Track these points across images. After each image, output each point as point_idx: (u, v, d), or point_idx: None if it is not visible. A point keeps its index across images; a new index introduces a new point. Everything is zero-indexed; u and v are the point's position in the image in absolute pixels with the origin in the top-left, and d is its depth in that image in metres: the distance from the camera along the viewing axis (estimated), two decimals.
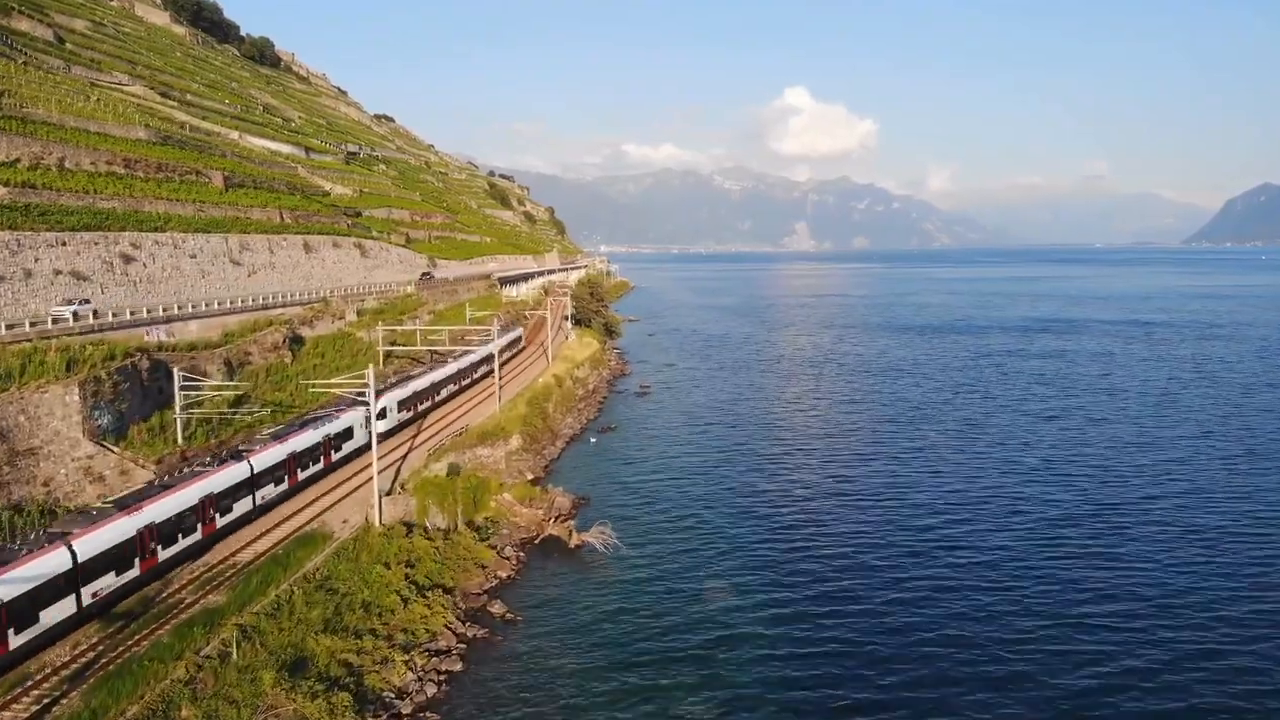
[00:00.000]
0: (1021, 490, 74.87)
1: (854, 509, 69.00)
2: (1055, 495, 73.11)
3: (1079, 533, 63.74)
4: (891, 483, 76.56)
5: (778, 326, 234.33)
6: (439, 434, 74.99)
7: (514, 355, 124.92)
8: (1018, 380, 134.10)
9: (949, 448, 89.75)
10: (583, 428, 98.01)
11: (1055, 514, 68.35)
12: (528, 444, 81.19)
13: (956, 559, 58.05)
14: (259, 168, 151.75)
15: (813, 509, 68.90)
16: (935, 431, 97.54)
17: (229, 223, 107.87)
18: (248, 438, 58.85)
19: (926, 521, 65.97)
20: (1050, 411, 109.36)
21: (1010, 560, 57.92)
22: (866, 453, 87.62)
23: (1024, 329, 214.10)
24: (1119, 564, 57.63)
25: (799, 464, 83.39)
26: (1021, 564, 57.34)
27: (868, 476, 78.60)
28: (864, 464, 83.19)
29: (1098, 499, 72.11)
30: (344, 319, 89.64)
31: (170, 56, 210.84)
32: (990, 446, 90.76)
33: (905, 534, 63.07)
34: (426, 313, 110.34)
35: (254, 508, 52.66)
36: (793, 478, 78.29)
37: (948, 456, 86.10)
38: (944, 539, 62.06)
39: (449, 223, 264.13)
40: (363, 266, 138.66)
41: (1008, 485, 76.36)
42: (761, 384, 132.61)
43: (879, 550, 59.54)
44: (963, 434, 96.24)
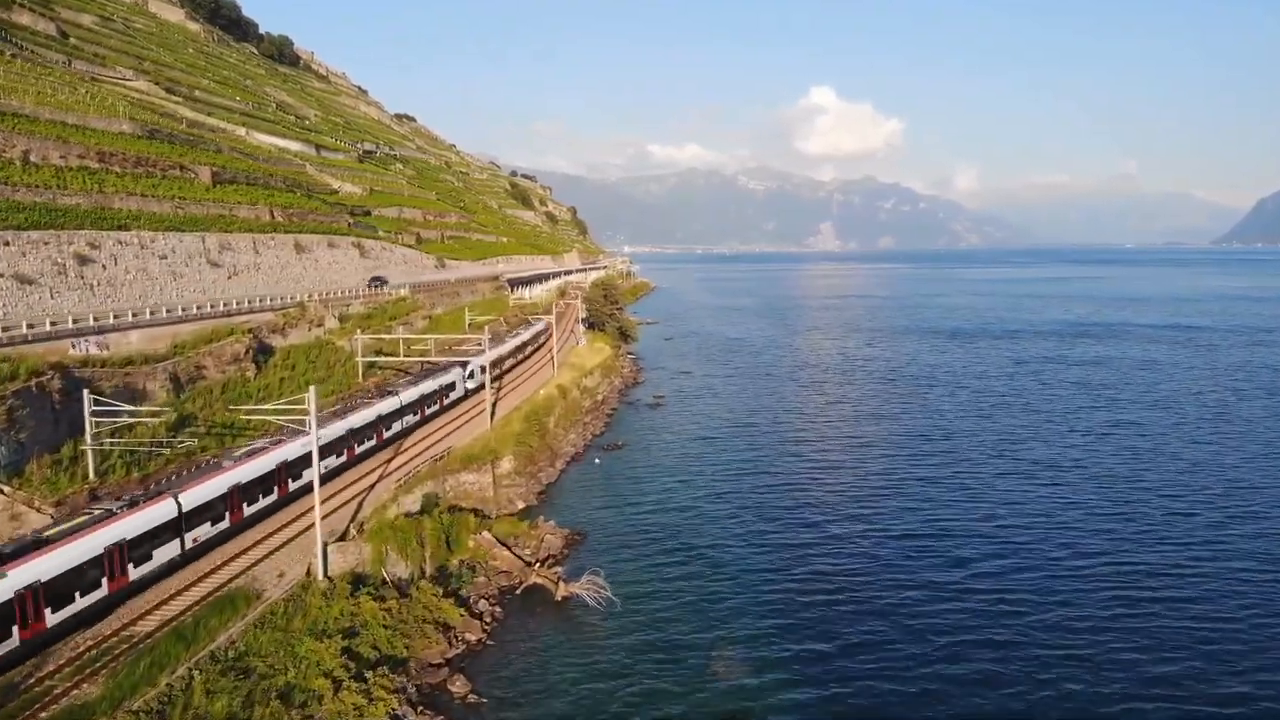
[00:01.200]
0: (1079, 524, 65.69)
1: (889, 552, 59.92)
2: (1119, 530, 63.86)
3: (1151, 577, 54.62)
4: (930, 519, 67.34)
5: (801, 330, 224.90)
6: (417, 458, 66.34)
7: (521, 360, 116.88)
8: (1060, 392, 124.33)
9: (991, 473, 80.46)
10: (587, 445, 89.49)
11: (1123, 552, 59.24)
12: (522, 466, 72.79)
13: (1015, 618, 49.08)
14: (258, 164, 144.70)
15: (841, 548, 60.01)
16: (975, 452, 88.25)
17: (210, 221, 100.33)
18: (187, 467, 50.94)
19: (976, 566, 56.93)
20: (1100, 428, 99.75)
21: (1075, 618, 48.90)
22: (900, 480, 78.36)
23: (1060, 333, 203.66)
24: (1198, 617, 48.59)
25: (824, 492, 74.45)
26: (1087, 620, 48.35)
27: (903, 510, 69.41)
28: (897, 494, 74.02)
29: (1169, 535, 62.83)
30: (323, 326, 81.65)
31: (181, 53, 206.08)
32: (1038, 471, 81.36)
33: (952, 588, 53.86)
34: (422, 317, 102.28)
35: (181, 554, 44.52)
36: (818, 509, 69.34)
37: (991, 484, 76.82)
38: (996, 590, 53.06)
39: (464, 222, 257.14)
40: (362, 268, 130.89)
41: (1062, 518, 67.14)
42: (783, 394, 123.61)
43: (922, 610, 50.46)
44: (1005, 456, 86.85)
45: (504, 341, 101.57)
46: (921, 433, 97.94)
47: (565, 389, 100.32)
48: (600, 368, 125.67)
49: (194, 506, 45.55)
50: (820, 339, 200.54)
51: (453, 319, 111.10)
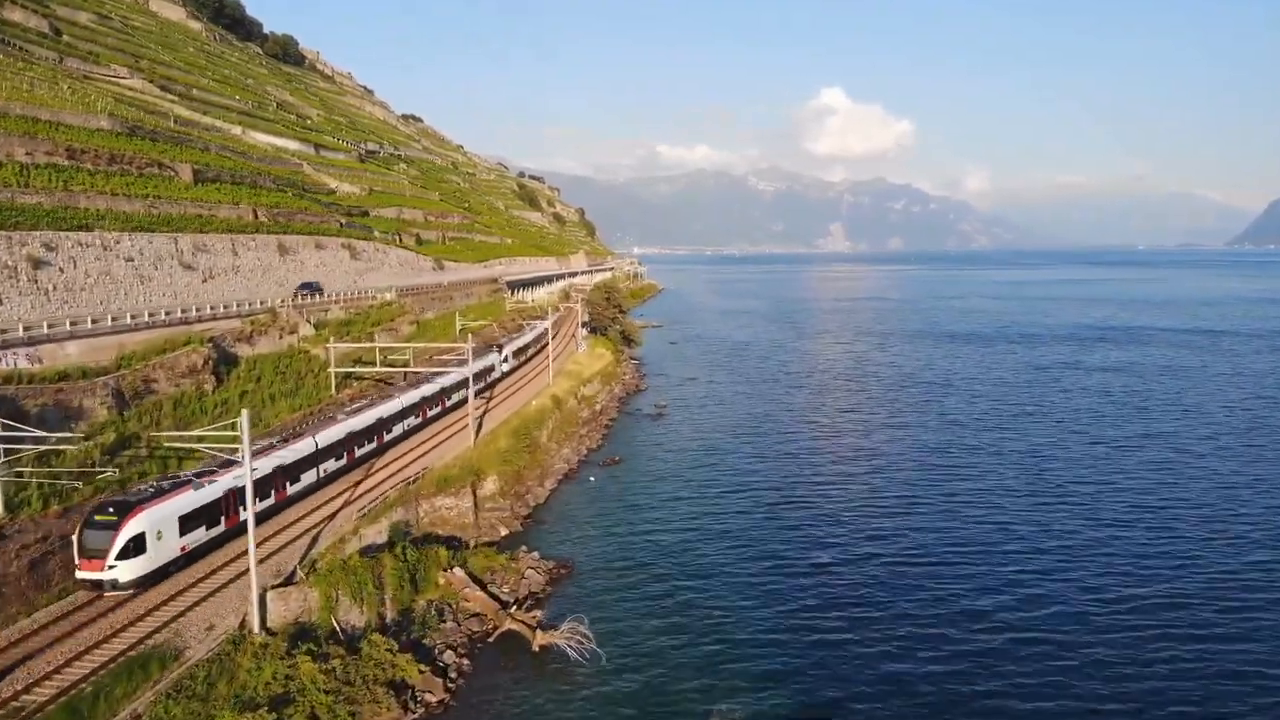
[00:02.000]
0: (1112, 548, 59.74)
1: (907, 588, 53.86)
2: (1155, 554, 57.80)
3: (1194, 608, 48.57)
4: (952, 548, 61.20)
5: (810, 333, 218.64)
6: (386, 482, 60.24)
7: (515, 368, 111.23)
8: (1083, 400, 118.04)
9: (1016, 492, 74.32)
10: (582, 459, 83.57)
11: (1161, 579, 53.27)
12: (508, 487, 67.02)
13: (1049, 658, 43.16)
14: (248, 162, 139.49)
15: (856, 586, 53.98)
16: (998, 469, 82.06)
17: (186, 221, 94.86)
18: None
19: (1002, 599, 50.96)
20: (1130, 442, 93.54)
21: (1114, 656, 42.94)
22: (917, 503, 72.14)
23: (1079, 338, 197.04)
24: (1247, 655, 42.60)
25: (836, 514, 68.39)
26: (1127, 657, 42.37)
27: (921, 540, 63.21)
28: (914, 520, 67.81)
29: (1213, 560, 56.73)
30: (296, 333, 75.94)
31: (181, 51, 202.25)
32: (1065, 488, 75.24)
33: (978, 626, 47.91)
34: (409, 323, 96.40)
35: (286, 496, 52.00)
36: (829, 536, 63.31)
37: (1016, 505, 70.68)
38: (1026, 629, 47.07)
39: (467, 223, 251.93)
40: (352, 270, 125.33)
41: (1093, 540, 61.11)
42: (791, 403, 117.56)
43: (947, 658, 44.52)
44: (1030, 472, 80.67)
45: (486, 354, 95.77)
46: (939, 446, 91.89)
47: (560, 399, 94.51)
48: (600, 375, 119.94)
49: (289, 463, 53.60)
50: (830, 343, 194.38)
51: (444, 324, 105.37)
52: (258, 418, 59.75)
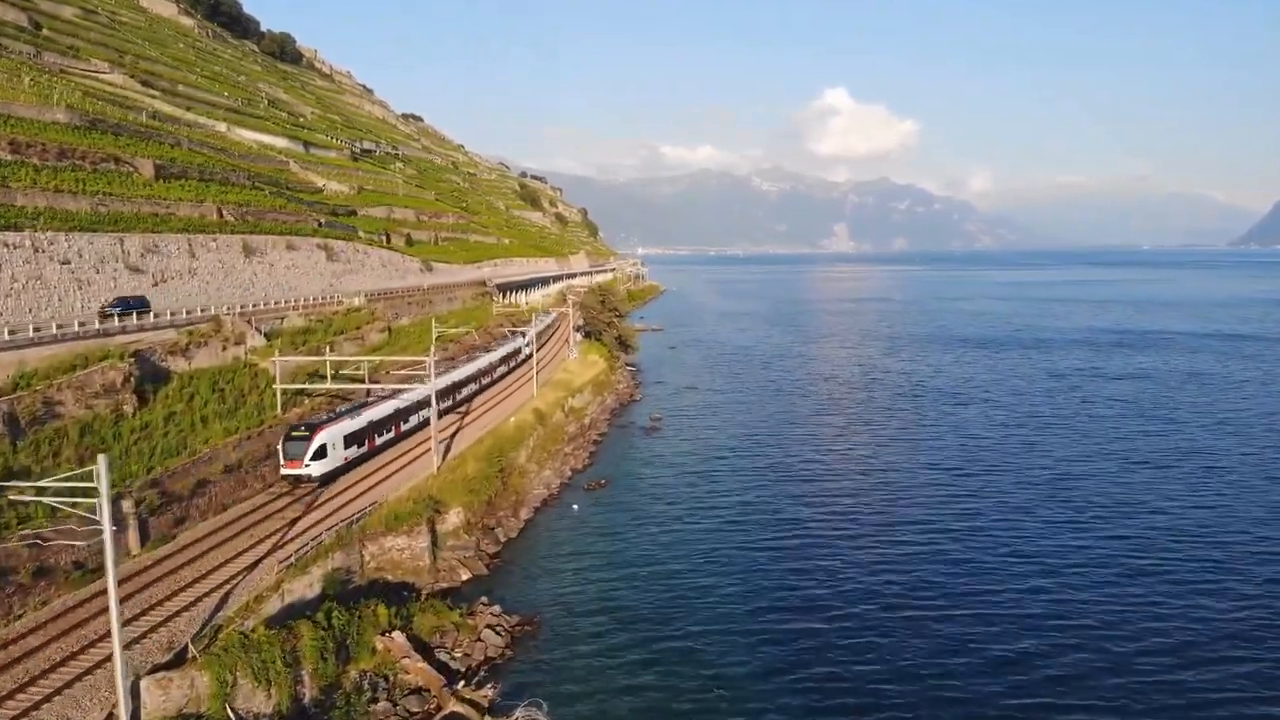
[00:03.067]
0: (1156, 581, 52.14)
1: (924, 626, 46.32)
2: (1208, 591, 50.00)
3: (1257, 655, 40.90)
4: (976, 585, 53.62)
5: (814, 337, 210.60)
6: (327, 520, 51.97)
7: (495, 381, 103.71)
8: (1107, 412, 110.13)
9: (1042, 517, 66.48)
10: (565, 482, 75.69)
11: (1214, 620, 45.55)
12: (475, 519, 59.34)
13: None
14: (225, 158, 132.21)
15: (870, 637, 46.31)
16: (1020, 490, 74.15)
17: (139, 220, 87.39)
18: None
19: (1032, 638, 43.31)
20: (1163, 458, 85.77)
21: None
22: (937, 533, 64.22)
23: (1094, 342, 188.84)
24: None
25: (845, 550, 60.50)
26: None
27: (943, 572, 55.60)
28: (936, 551, 60.09)
29: (1266, 596, 49.02)
30: (243, 344, 68.19)
31: (170, 48, 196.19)
32: (1098, 514, 67.53)
33: (1005, 672, 40.37)
34: (378, 331, 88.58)
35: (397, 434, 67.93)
36: (838, 575, 55.35)
37: (1043, 532, 62.94)
38: (1060, 673, 39.42)
39: (463, 223, 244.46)
40: (329, 272, 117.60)
41: (1132, 572, 53.40)
42: (795, 415, 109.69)
43: None
44: (1058, 497, 72.71)
45: (456, 367, 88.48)
46: (955, 464, 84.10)
47: (544, 413, 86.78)
48: (592, 384, 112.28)
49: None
50: (835, 348, 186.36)
51: (420, 331, 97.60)
52: (182, 444, 52.06)
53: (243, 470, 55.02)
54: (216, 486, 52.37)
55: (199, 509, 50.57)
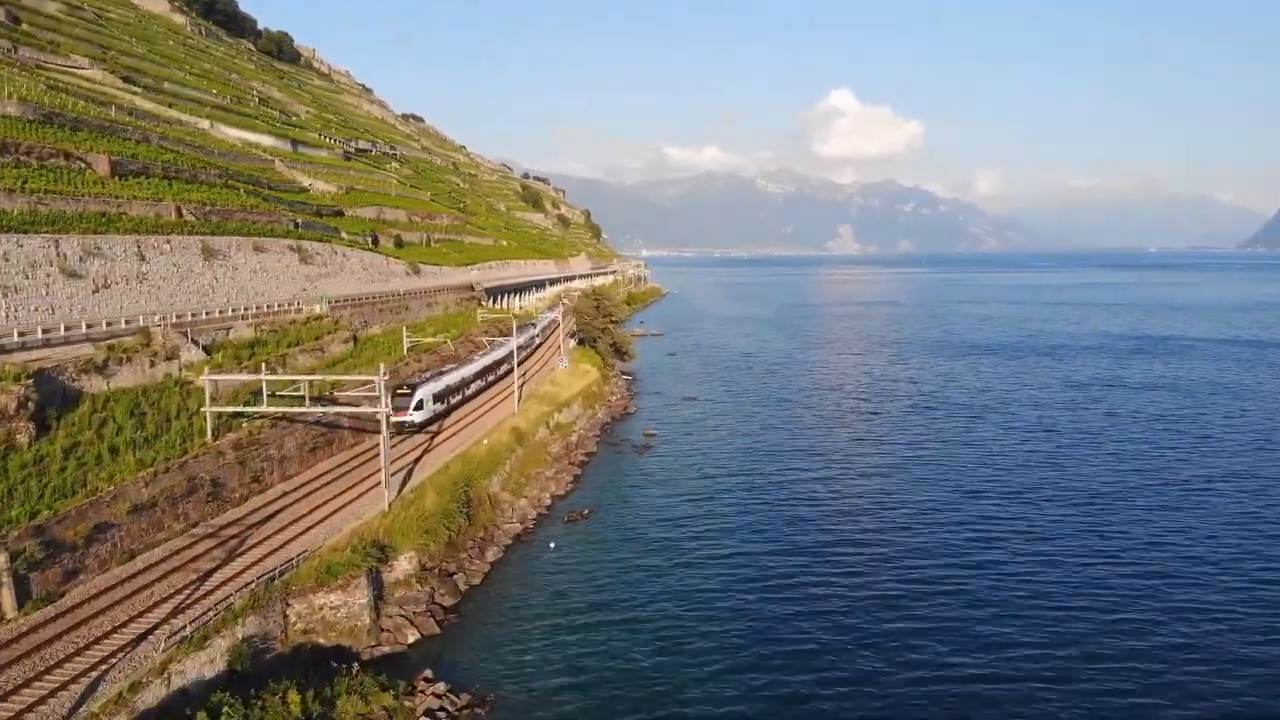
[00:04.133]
0: (1212, 627, 44.06)
1: (945, 677, 38.53)
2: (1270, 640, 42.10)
3: None
4: (1006, 629, 45.78)
5: (819, 343, 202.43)
6: (242, 575, 43.36)
7: (475, 395, 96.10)
8: (1135, 427, 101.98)
9: (1075, 553, 58.54)
10: (544, 512, 67.70)
11: None
12: (432, 563, 51.60)
13: None
14: (199, 155, 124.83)
15: (886, 698, 38.61)
16: (1047, 519, 66.17)
17: (85, 220, 79.81)
18: None
19: None
20: (1204, 481, 77.79)
21: None
22: (953, 564, 56.50)
23: (1112, 348, 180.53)
24: None
25: (858, 595, 52.65)
26: None
27: (956, 604, 47.81)
28: (951, 587, 52.30)
29: None
30: (177, 359, 60.46)
31: (159, 44, 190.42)
32: (1134, 544, 59.71)
33: None
34: (342, 341, 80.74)
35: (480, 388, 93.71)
36: (849, 636, 47.62)
37: (1076, 572, 55.03)
38: None
39: (458, 224, 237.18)
40: (302, 276, 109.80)
41: (1178, 611, 45.43)
42: (799, 429, 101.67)
43: None
44: (1088, 526, 64.68)
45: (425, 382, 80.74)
46: (973, 488, 76.15)
47: (525, 431, 78.96)
48: (582, 396, 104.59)
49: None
50: (842, 355, 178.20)
51: (392, 341, 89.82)
52: (81, 481, 44.20)
53: (158, 510, 47.22)
54: (121, 531, 44.62)
55: (98, 559, 42.84)
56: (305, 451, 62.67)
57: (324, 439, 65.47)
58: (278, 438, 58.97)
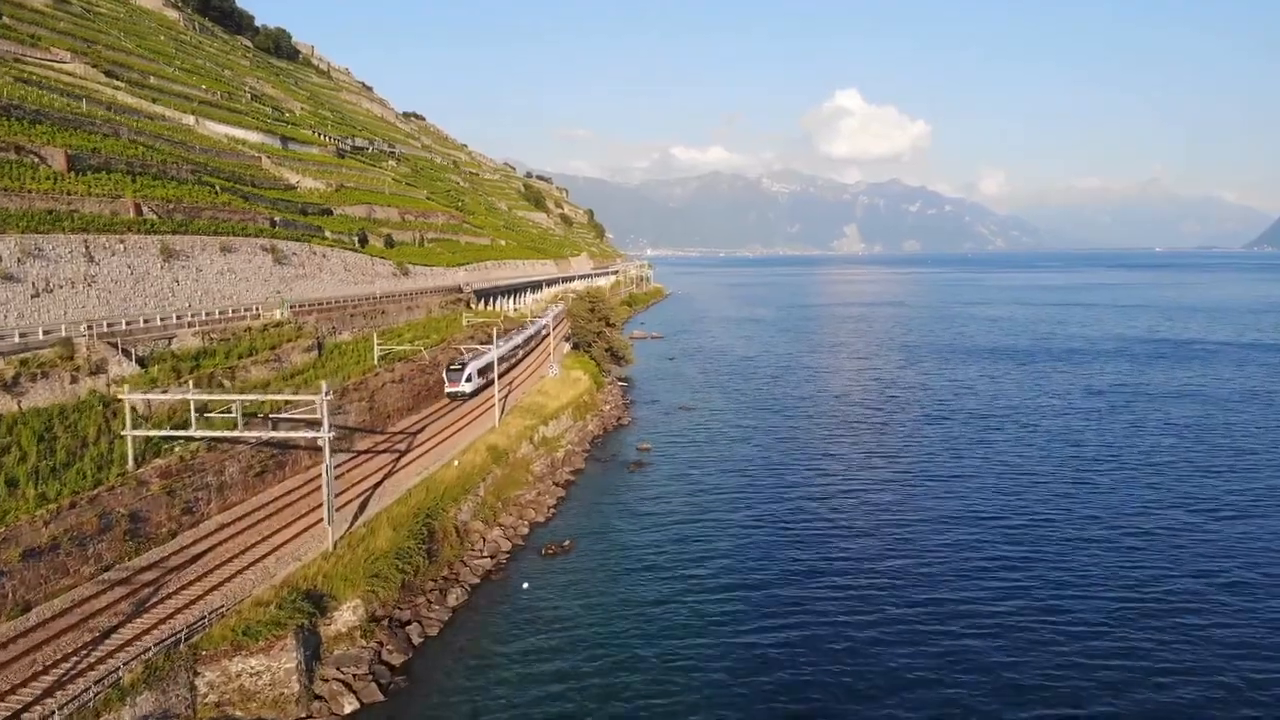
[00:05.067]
0: None
1: None
2: None
3: None
4: (1033, 676, 39.08)
5: (824, 347, 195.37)
6: (140, 640, 36.45)
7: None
8: (1163, 441, 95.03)
9: (1112, 592, 51.71)
10: (519, 543, 60.51)
11: None
12: (384, 611, 44.95)
13: None
14: (175, 150, 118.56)
15: None
16: (1077, 549, 59.40)
17: (24, 217, 73.37)
18: None
19: None
20: (1247, 502, 70.97)
21: None
22: (973, 602, 49.77)
23: (1130, 353, 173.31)
24: None
25: (871, 646, 46.01)
26: None
27: (977, 648, 41.04)
28: (971, 630, 45.54)
29: None
30: (103, 373, 53.76)
31: (149, 40, 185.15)
32: (1174, 574, 52.88)
33: None
34: (303, 350, 73.97)
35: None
36: (865, 686, 40.92)
37: (1115, 613, 48.20)
38: None
39: (453, 223, 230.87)
40: (276, 277, 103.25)
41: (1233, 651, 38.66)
42: (805, 446, 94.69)
43: None
44: (1124, 556, 57.96)
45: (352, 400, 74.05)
46: (993, 511, 69.33)
47: (503, 450, 72.14)
48: (572, 406, 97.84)
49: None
50: (848, 360, 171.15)
51: (363, 349, 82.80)
52: None
53: (61, 553, 40.65)
54: (12, 580, 38.06)
55: None
56: (251, 477, 55.98)
57: (275, 461, 58.81)
58: (216, 462, 52.24)
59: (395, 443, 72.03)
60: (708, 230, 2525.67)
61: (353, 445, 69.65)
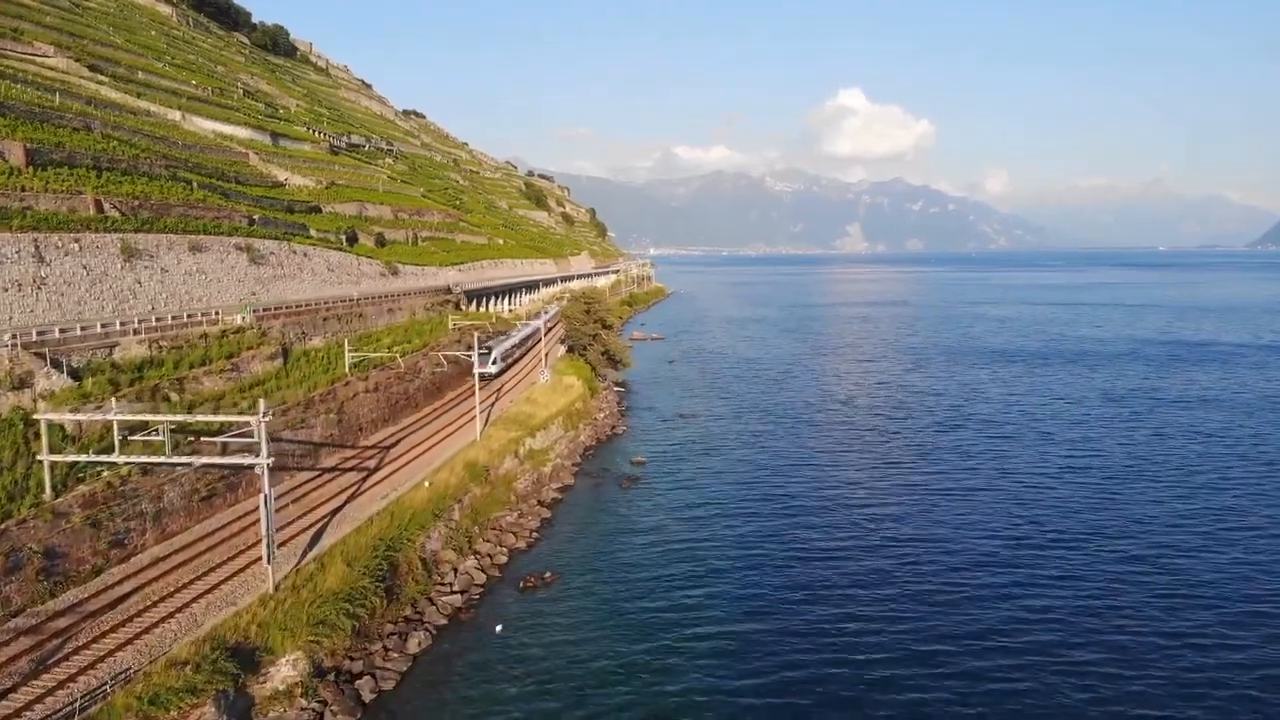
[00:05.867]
0: None
1: None
2: None
3: None
4: None
5: (829, 349, 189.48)
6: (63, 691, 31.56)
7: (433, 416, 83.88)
8: (1191, 451, 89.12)
9: (1150, 624, 46.01)
10: (494, 579, 54.25)
11: None
12: (332, 662, 39.38)
13: None
14: (154, 145, 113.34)
15: None
16: (1109, 577, 53.61)
17: None
18: None
19: None
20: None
21: None
22: (998, 640, 44.08)
23: (1144, 355, 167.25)
24: None
25: (885, 686, 40.40)
26: None
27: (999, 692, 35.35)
28: (993, 675, 39.91)
29: None
30: (28, 388, 47.94)
31: (140, 35, 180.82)
32: (1219, 603, 47.22)
33: None
34: (265, 357, 68.18)
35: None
36: None
37: (1153, 650, 42.55)
38: None
39: (449, 221, 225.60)
40: (251, 278, 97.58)
41: None
42: (810, 457, 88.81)
43: None
44: (1161, 584, 52.31)
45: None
46: (1016, 530, 63.58)
47: (484, 466, 66.47)
48: (563, 415, 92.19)
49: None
50: (853, 363, 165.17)
51: (333, 356, 76.54)
52: None
53: None
54: None
55: None
56: (196, 502, 50.35)
57: (225, 483, 53.15)
58: (154, 487, 46.57)
59: (365, 458, 66.28)
60: (711, 229, 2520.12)
61: (318, 462, 63.96)
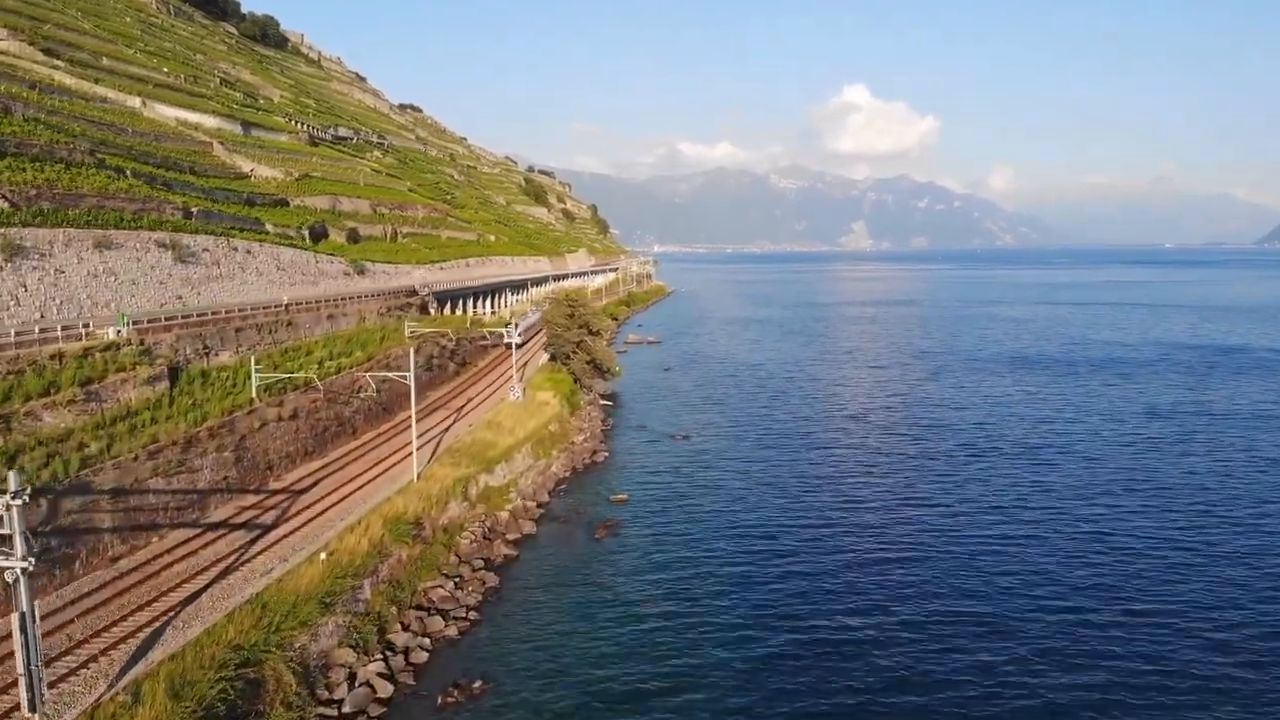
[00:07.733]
0: None
1: None
2: None
3: None
4: None
5: (837, 354, 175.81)
6: None
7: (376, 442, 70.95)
8: (1259, 477, 76.62)
9: None
10: (402, 691, 40.22)
11: None
12: None
13: None
14: (105, 132, 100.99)
15: None
16: (1157, 632, 40.47)
17: None
18: None
19: None
20: None
21: None
22: None
23: (1180, 362, 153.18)
24: None
25: None
26: None
27: None
28: None
29: None
30: None
31: (112, 21, 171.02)
32: None
33: None
34: (143, 381, 54.30)
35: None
36: None
37: None
38: None
39: (435, 217, 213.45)
40: (176, 279, 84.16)
41: None
42: (822, 490, 74.92)
43: None
44: (1240, 640, 39.21)
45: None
46: (1066, 577, 50.39)
47: (412, 520, 53.04)
48: (534, 439, 79.09)
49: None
50: (864, 370, 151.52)
51: (240, 377, 63.32)
52: None
53: None
54: None
55: None
56: None
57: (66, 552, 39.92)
58: None
59: (265, 509, 52.72)
60: (714, 226, 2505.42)
61: (202, 516, 50.59)
